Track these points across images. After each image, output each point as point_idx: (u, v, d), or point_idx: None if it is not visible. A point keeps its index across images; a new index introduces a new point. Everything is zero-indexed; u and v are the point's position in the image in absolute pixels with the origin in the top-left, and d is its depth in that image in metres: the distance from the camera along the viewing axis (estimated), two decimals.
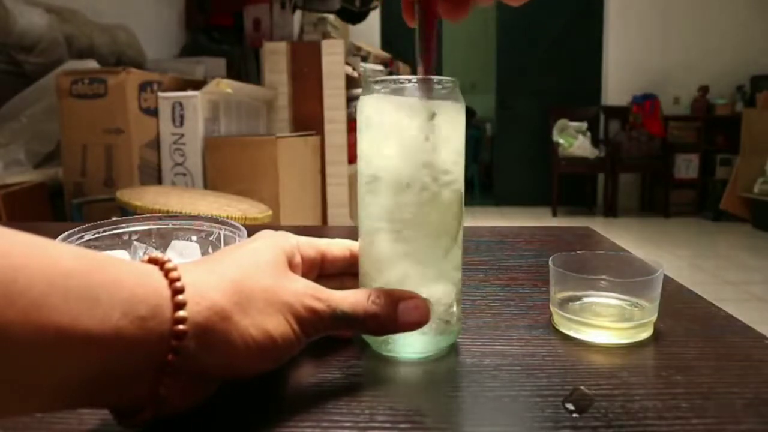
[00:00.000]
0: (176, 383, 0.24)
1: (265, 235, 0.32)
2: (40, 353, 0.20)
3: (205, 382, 0.26)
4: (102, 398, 0.23)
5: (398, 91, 0.32)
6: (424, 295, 0.32)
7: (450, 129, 0.33)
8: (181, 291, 0.24)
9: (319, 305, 0.28)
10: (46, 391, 0.21)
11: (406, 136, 0.32)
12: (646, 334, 0.36)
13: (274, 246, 0.31)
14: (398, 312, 0.31)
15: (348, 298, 0.30)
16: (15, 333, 0.19)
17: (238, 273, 0.27)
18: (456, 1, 0.31)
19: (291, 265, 0.31)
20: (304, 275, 0.31)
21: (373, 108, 0.33)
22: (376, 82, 0.33)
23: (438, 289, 0.33)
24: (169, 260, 0.25)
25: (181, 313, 0.24)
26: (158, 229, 0.47)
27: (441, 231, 0.33)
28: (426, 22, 0.32)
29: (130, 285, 0.23)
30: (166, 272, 0.25)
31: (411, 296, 0.32)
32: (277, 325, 0.27)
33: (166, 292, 0.24)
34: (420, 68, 0.33)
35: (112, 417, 0.25)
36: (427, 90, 0.32)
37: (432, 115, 0.32)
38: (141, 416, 0.24)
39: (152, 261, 0.26)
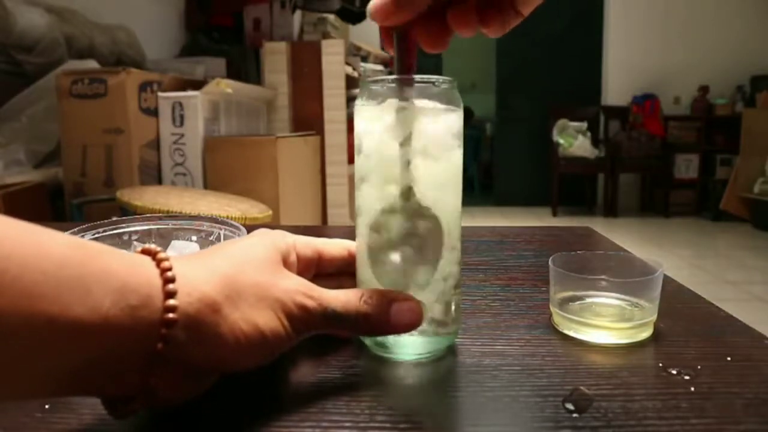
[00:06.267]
0: (166, 373, 0.24)
1: (261, 232, 0.32)
2: (29, 342, 0.20)
3: (196, 375, 0.26)
4: (92, 386, 0.24)
5: (382, 99, 0.32)
6: (421, 296, 0.32)
7: (445, 129, 0.33)
8: (172, 280, 0.24)
9: (310, 303, 0.28)
10: (36, 378, 0.21)
11: (387, 144, 0.32)
12: (646, 334, 0.36)
13: (269, 243, 0.31)
14: (391, 313, 0.31)
15: (340, 298, 0.30)
16: (4, 321, 0.19)
17: (230, 267, 0.27)
18: (435, 34, 0.31)
19: (286, 264, 0.31)
20: (300, 274, 0.31)
21: (358, 116, 0.34)
22: (373, 81, 0.33)
23: (435, 289, 0.33)
24: (161, 251, 0.26)
25: (172, 302, 0.24)
26: (158, 229, 0.47)
27: (436, 230, 0.33)
28: (405, 50, 0.32)
29: (121, 274, 0.23)
30: (158, 262, 0.25)
31: (405, 297, 0.31)
32: (267, 320, 0.27)
33: (157, 281, 0.24)
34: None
35: (104, 407, 0.25)
36: (407, 102, 0.32)
37: (408, 137, 0.32)
38: (131, 406, 0.24)
39: (145, 252, 0.26)
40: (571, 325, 0.37)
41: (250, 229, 0.39)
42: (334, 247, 0.35)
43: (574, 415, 0.27)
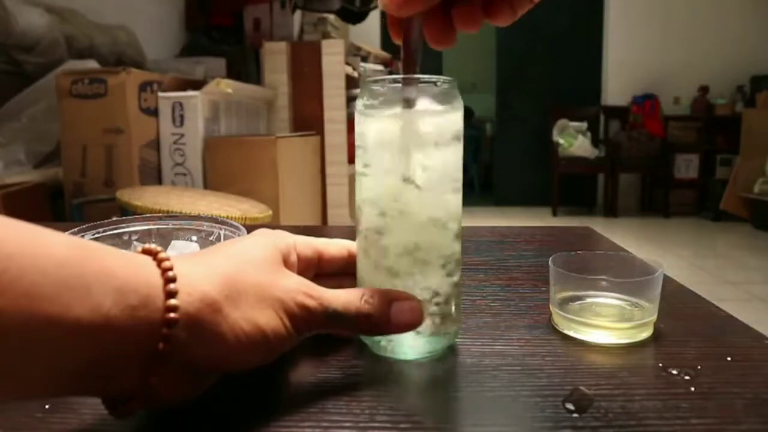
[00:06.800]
0: (167, 373, 0.24)
1: (262, 232, 0.32)
2: (30, 341, 0.20)
3: (196, 375, 0.26)
4: (92, 386, 0.24)
5: (383, 99, 0.32)
6: (420, 297, 0.32)
7: (446, 129, 0.33)
8: (173, 280, 0.24)
9: (311, 303, 0.28)
10: (36, 378, 0.21)
11: (390, 140, 0.32)
12: (646, 334, 0.36)
13: (269, 243, 0.31)
14: (391, 312, 0.31)
15: (340, 297, 0.30)
16: (5, 321, 0.19)
17: (230, 267, 0.27)
18: (441, 31, 0.31)
19: (286, 264, 0.31)
20: (301, 274, 0.31)
21: (359, 114, 0.34)
22: (374, 81, 0.33)
23: (435, 290, 0.33)
24: (162, 251, 0.26)
25: (173, 302, 0.24)
26: (158, 229, 0.47)
27: (437, 231, 0.33)
28: (412, 42, 0.32)
29: (122, 274, 0.23)
30: (159, 262, 0.25)
31: (405, 297, 0.31)
32: (268, 320, 0.27)
33: (158, 281, 0.24)
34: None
35: (104, 407, 0.25)
36: (411, 99, 0.32)
37: (411, 136, 0.32)
38: (131, 405, 0.24)
39: (146, 252, 0.26)
40: (571, 325, 0.37)
41: (250, 229, 0.39)
42: (334, 247, 0.35)
43: (574, 415, 0.27)
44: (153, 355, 0.23)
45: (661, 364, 0.32)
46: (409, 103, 0.32)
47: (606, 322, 0.36)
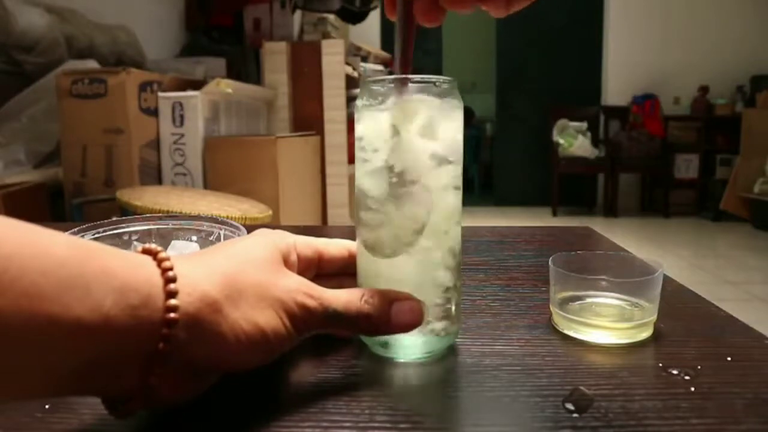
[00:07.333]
0: (167, 373, 0.24)
1: (262, 232, 0.32)
2: (30, 341, 0.20)
3: (196, 374, 0.26)
4: (92, 386, 0.24)
5: (383, 96, 0.32)
6: (420, 296, 0.32)
7: (447, 128, 0.33)
8: (173, 280, 0.24)
9: (311, 303, 0.28)
10: (37, 378, 0.21)
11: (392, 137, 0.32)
12: (646, 334, 0.36)
13: (270, 243, 0.31)
14: (391, 313, 0.31)
15: (341, 297, 0.30)
16: (5, 321, 0.19)
17: (230, 267, 0.27)
18: (430, 7, 0.31)
19: (286, 264, 0.31)
20: (301, 274, 0.31)
21: (359, 114, 0.34)
22: (374, 81, 0.33)
23: (435, 290, 0.33)
24: (162, 251, 0.26)
25: (173, 302, 0.24)
26: (158, 229, 0.47)
27: (436, 231, 0.33)
28: (406, 18, 0.32)
29: (122, 274, 0.23)
30: (159, 262, 0.25)
31: (405, 297, 0.31)
32: (268, 319, 0.27)
33: (159, 281, 0.24)
34: (397, 63, 0.33)
35: (104, 407, 0.25)
36: (402, 88, 0.32)
37: (409, 117, 0.32)
38: (131, 405, 0.24)
39: (146, 252, 0.26)
40: (571, 325, 0.37)
41: (250, 229, 0.39)
42: (334, 247, 0.35)
43: (574, 415, 0.27)
44: (153, 355, 0.23)
45: (661, 364, 0.32)
46: (402, 91, 0.32)
47: (606, 322, 0.36)
